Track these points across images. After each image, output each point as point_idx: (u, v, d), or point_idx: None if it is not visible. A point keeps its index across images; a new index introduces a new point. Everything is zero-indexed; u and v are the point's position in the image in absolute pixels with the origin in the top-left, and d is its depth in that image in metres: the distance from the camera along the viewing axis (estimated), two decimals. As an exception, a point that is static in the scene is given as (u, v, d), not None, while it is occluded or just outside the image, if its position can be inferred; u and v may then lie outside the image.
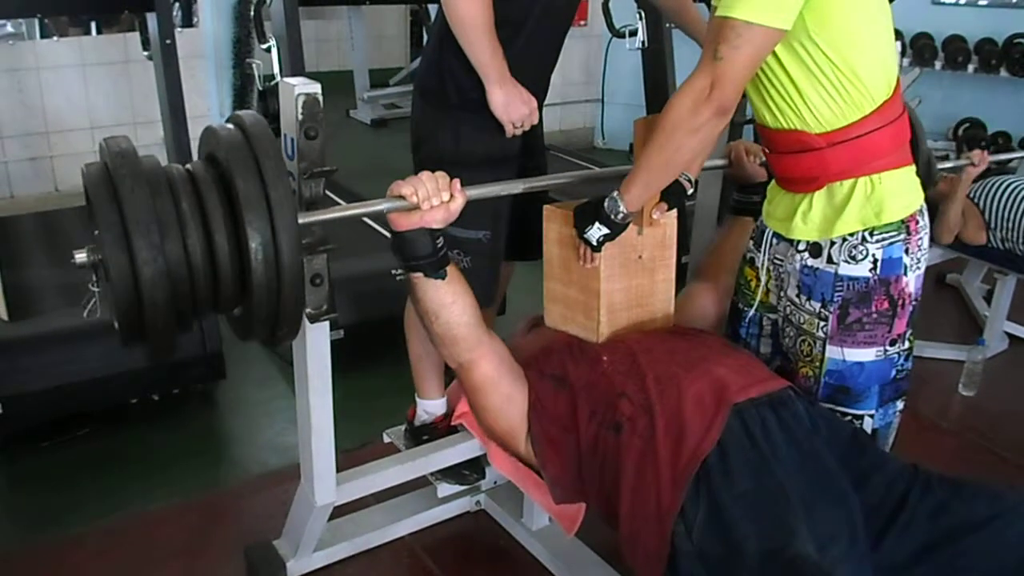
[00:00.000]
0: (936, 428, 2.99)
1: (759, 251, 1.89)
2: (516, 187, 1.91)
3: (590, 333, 1.94)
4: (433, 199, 1.64)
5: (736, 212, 2.28)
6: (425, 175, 1.66)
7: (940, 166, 3.07)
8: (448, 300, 1.77)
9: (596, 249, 1.80)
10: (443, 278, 1.74)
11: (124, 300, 1.42)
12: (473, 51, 1.85)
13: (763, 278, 1.90)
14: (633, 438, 1.68)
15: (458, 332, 1.81)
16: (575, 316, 1.97)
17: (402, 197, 1.64)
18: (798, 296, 1.79)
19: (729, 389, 1.67)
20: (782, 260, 1.83)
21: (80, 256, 1.49)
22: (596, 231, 1.76)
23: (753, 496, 1.56)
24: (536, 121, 1.99)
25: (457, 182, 1.68)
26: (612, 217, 1.74)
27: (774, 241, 1.85)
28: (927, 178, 2.00)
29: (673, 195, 1.82)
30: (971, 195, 3.27)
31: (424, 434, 2.22)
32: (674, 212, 1.89)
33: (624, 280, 1.92)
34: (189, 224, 1.47)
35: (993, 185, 3.26)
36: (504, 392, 1.87)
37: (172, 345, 1.51)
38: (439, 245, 1.71)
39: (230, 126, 1.56)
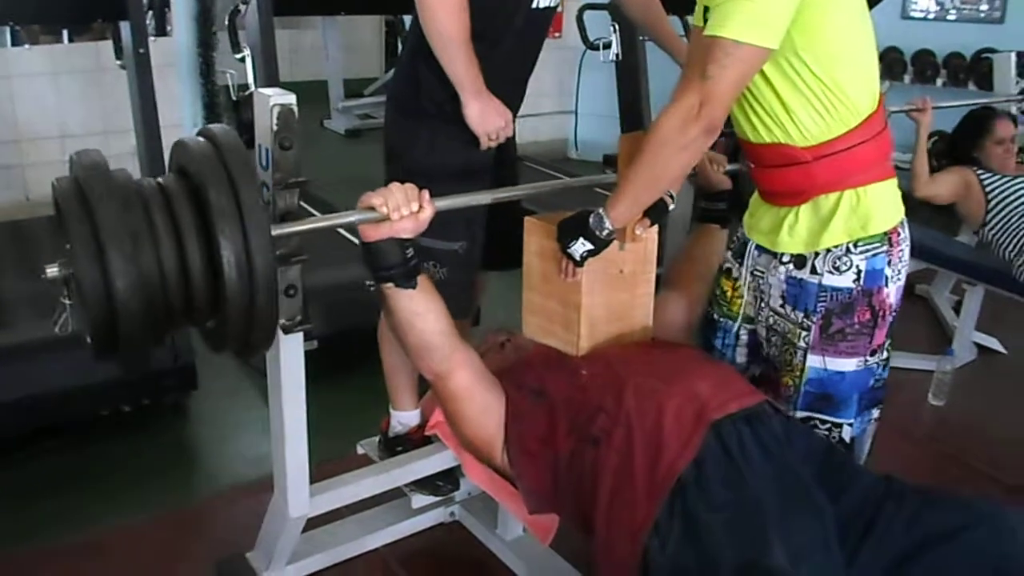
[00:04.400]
0: (907, 437, 3.01)
1: (739, 263, 1.91)
2: (485, 198, 1.92)
3: (570, 346, 1.94)
4: (403, 209, 1.64)
5: (702, 220, 2.30)
6: (395, 186, 1.66)
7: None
8: (420, 309, 1.77)
9: (579, 264, 1.80)
10: (414, 287, 1.74)
11: (97, 314, 1.40)
12: (449, 63, 1.85)
13: (744, 291, 1.91)
14: (610, 452, 1.68)
15: (432, 341, 1.80)
16: (554, 328, 1.97)
17: (372, 208, 1.64)
18: (782, 306, 1.80)
19: (708, 405, 1.68)
20: (763, 271, 1.85)
21: (51, 270, 1.47)
22: (580, 247, 1.76)
23: (727, 510, 1.56)
24: (511, 133, 2.00)
25: (426, 193, 1.69)
26: (597, 233, 1.74)
27: (756, 253, 1.87)
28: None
29: (656, 211, 1.83)
30: (985, 184, 3.33)
31: (398, 445, 2.22)
32: (655, 228, 1.90)
33: (605, 294, 1.93)
34: (162, 236, 1.45)
35: (1013, 184, 3.31)
36: (480, 401, 1.87)
37: (146, 358, 1.50)
38: (409, 255, 1.71)
39: (200, 139, 1.55)
